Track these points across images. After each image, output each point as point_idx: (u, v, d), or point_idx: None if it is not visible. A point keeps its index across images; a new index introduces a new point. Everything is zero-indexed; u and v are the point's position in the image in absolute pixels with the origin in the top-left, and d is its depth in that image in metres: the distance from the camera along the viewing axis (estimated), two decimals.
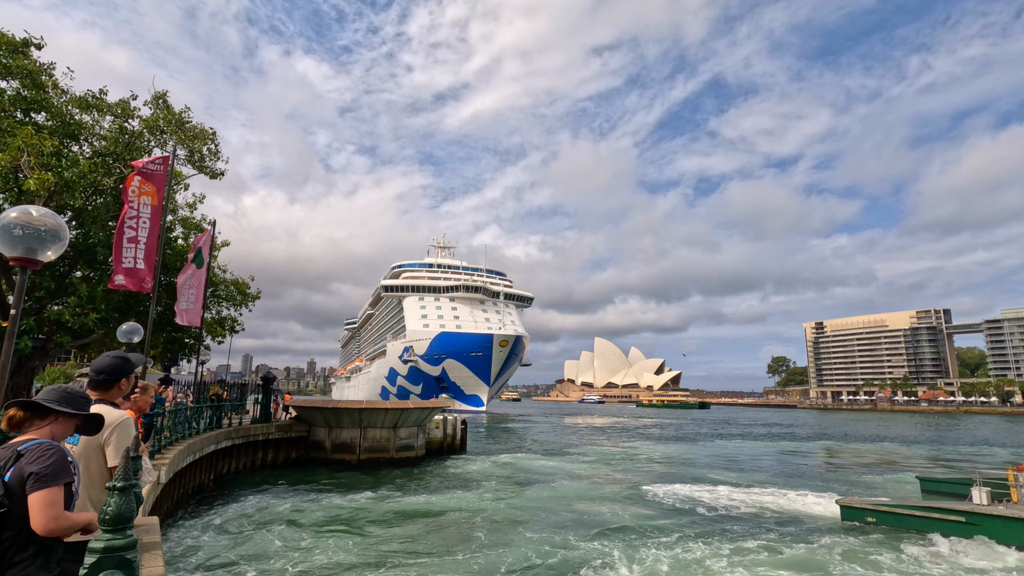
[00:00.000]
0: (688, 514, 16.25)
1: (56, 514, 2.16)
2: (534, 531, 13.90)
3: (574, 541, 13.02)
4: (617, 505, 17.34)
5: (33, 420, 2.45)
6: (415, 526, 14.30)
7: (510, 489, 19.73)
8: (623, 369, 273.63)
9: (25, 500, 2.16)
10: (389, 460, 23.71)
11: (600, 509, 16.72)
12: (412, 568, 10.91)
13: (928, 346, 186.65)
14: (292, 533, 13.16)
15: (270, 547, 12.00)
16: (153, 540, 4.10)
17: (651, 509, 16.90)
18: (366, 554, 11.75)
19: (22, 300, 4.14)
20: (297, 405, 24.35)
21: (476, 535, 13.46)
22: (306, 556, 11.50)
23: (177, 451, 12.33)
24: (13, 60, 14.93)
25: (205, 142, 18.14)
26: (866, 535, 13.91)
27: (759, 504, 17.88)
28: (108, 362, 3.31)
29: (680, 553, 12.18)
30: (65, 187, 14.19)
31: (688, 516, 15.98)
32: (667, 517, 15.77)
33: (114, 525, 2.31)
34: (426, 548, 12.30)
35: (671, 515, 16.08)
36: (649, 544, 12.85)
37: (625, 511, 16.46)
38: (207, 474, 17.73)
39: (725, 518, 15.81)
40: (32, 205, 3.97)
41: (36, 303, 16.42)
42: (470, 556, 11.74)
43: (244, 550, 11.74)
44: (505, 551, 12.11)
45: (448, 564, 11.19)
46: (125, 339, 12.14)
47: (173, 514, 14.01)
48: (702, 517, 15.89)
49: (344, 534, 13.27)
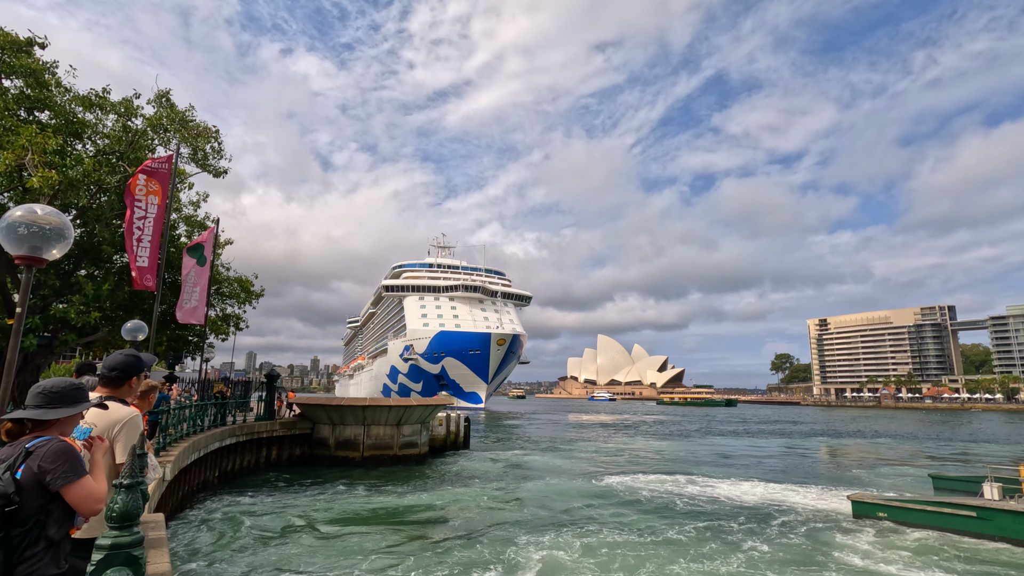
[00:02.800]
0: (701, 511, 16.26)
1: (99, 496, 2.31)
2: (535, 529, 13.92)
3: (576, 540, 13.03)
4: (628, 507, 17.34)
5: (36, 424, 2.46)
6: (417, 523, 14.35)
7: (512, 487, 19.77)
8: (626, 366, 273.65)
9: (36, 497, 2.19)
10: (392, 457, 23.78)
11: (607, 507, 16.74)
12: (413, 564, 10.94)
13: (932, 343, 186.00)
14: (296, 530, 13.23)
15: (274, 544, 12.06)
16: (159, 536, 4.12)
17: (664, 507, 16.92)
18: (370, 551, 11.79)
19: (28, 298, 4.15)
20: (301, 403, 24.44)
21: (478, 533, 13.49)
22: (310, 553, 11.55)
23: (182, 448, 12.39)
24: (17, 59, 14.96)
25: (208, 140, 18.17)
26: (878, 531, 13.96)
27: (771, 500, 17.93)
28: (121, 360, 3.38)
29: (693, 551, 12.20)
30: (69, 186, 14.24)
31: (702, 512, 16.00)
32: (678, 516, 15.78)
33: (121, 522, 2.33)
34: (427, 545, 12.34)
35: (682, 514, 16.09)
36: (661, 541, 12.87)
37: (636, 510, 16.48)
38: (212, 471, 17.82)
39: (737, 513, 15.81)
40: (37, 204, 3.99)
41: (41, 301, 16.51)
42: (471, 553, 11.78)
43: (248, 547, 11.80)
44: (509, 549, 12.14)
45: (449, 560, 11.22)
46: (129, 336, 12.19)
47: (178, 511, 14.09)
48: (714, 513, 15.90)
49: (348, 531, 13.32)
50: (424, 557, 11.41)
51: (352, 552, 11.68)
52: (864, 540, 13.13)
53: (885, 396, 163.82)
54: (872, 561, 11.53)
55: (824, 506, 16.95)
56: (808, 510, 16.43)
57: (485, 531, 13.57)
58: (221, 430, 17.66)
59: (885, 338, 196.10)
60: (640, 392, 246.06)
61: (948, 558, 11.84)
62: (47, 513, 2.23)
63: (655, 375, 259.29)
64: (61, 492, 2.22)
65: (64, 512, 2.28)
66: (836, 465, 28.60)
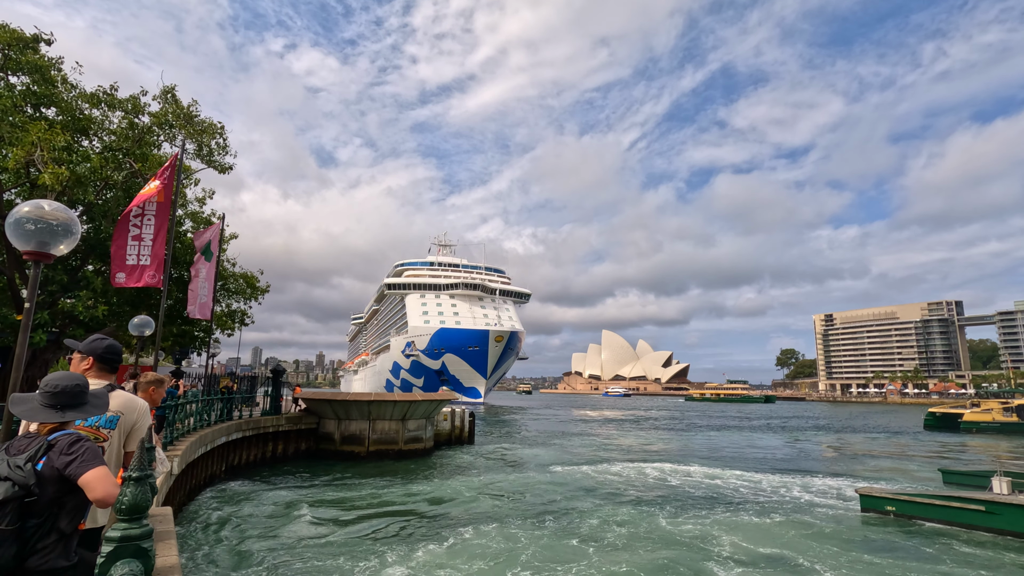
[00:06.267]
0: (716, 500, 16.26)
1: (113, 481, 2.36)
2: (534, 523, 13.96)
3: (580, 544, 13.06)
4: (644, 504, 17.35)
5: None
6: (421, 517, 14.41)
7: (514, 480, 19.82)
8: (631, 362, 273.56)
9: (54, 489, 2.25)
10: (398, 452, 23.89)
11: (618, 502, 16.75)
12: (417, 558, 11.01)
13: (939, 338, 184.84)
14: (301, 524, 13.31)
15: (280, 537, 12.15)
16: (167, 529, 4.16)
17: (676, 496, 16.92)
18: (374, 544, 11.86)
19: (36, 293, 4.19)
20: (306, 398, 24.56)
21: (480, 526, 13.54)
22: (316, 546, 11.63)
23: (189, 442, 12.49)
24: (23, 56, 15.03)
25: (214, 136, 18.21)
26: (886, 525, 13.98)
27: (781, 492, 17.97)
28: (114, 344, 3.37)
29: (701, 543, 12.21)
30: (77, 182, 14.32)
31: (716, 501, 16.00)
32: (691, 505, 15.79)
33: (130, 514, 2.35)
34: (431, 539, 12.40)
35: (695, 502, 16.09)
36: (668, 530, 12.89)
37: (652, 506, 16.48)
38: (219, 465, 17.96)
39: (745, 506, 15.81)
40: (44, 200, 4.01)
41: (49, 297, 16.64)
42: (473, 547, 11.83)
43: (255, 540, 11.89)
44: (514, 546, 12.19)
45: (454, 554, 11.28)
46: (136, 332, 12.29)
47: (186, 504, 14.21)
48: (725, 504, 15.90)
49: (352, 524, 13.40)
50: (429, 550, 11.47)
51: (356, 545, 11.75)
52: (870, 534, 13.13)
53: (891, 392, 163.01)
54: (876, 556, 11.52)
55: (830, 499, 16.96)
56: (814, 503, 16.43)
57: (488, 525, 13.61)
58: (228, 424, 17.78)
59: (892, 333, 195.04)
60: (645, 388, 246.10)
61: (956, 552, 11.82)
62: (61, 505, 2.28)
63: (660, 370, 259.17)
64: (81, 479, 2.25)
65: (77, 504, 2.33)
66: (846, 458, 28.51)
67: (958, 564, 11.14)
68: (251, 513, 14.05)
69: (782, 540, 12.64)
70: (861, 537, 12.90)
